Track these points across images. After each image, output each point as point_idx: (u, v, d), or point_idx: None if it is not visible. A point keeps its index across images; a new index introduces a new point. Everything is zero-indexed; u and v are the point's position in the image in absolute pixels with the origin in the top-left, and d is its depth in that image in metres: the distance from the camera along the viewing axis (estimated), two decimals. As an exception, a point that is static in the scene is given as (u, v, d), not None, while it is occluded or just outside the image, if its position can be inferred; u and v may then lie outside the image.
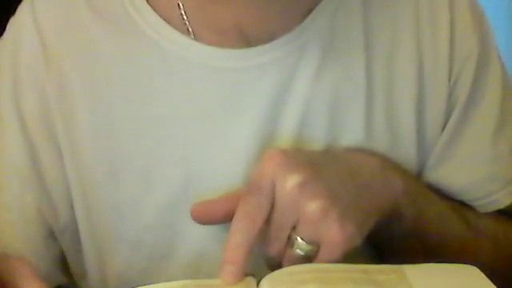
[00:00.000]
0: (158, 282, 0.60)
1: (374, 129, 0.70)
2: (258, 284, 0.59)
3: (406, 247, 0.67)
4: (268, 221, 0.60)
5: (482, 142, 0.73)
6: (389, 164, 0.69)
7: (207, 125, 0.68)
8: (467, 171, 0.73)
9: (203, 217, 0.65)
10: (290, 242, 0.61)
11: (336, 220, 0.59)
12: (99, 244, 0.71)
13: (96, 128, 0.69)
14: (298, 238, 0.60)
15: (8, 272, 0.56)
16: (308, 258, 0.60)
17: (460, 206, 0.73)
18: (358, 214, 0.61)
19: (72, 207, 0.71)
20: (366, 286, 0.57)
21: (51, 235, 0.71)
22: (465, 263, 0.62)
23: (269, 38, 0.68)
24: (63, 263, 0.73)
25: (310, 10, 0.69)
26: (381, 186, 0.65)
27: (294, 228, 0.60)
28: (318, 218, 0.59)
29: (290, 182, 0.60)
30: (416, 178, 0.72)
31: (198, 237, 0.69)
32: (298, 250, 0.60)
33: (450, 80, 0.71)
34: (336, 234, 0.59)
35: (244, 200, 0.60)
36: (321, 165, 0.63)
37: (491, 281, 0.58)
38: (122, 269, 0.70)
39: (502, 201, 0.73)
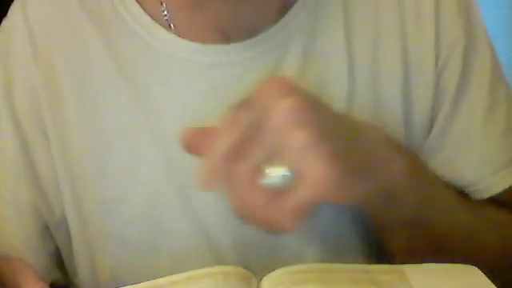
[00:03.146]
0: (146, 276, 0.60)
1: (358, 116, 0.68)
2: (258, 284, 0.59)
3: (410, 239, 0.65)
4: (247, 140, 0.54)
5: (472, 127, 0.72)
6: (395, 144, 0.66)
7: (190, 119, 0.68)
8: (459, 157, 0.72)
9: (191, 144, 0.58)
10: (261, 173, 0.53)
11: (326, 154, 0.52)
12: (89, 239, 0.71)
13: (84, 123, 0.70)
14: (275, 165, 0.53)
15: (9, 273, 0.57)
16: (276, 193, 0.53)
17: (464, 194, 0.72)
18: (352, 163, 0.55)
19: None
20: (367, 286, 0.57)
21: (47, 230, 0.72)
22: (472, 255, 0.61)
23: (250, 34, 0.69)
24: (58, 259, 0.74)
25: (289, 4, 0.69)
26: (382, 159, 0.61)
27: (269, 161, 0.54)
28: (307, 145, 0.52)
29: (285, 104, 0.53)
30: (423, 164, 0.71)
31: (182, 232, 0.69)
32: (270, 176, 0.53)
33: (436, 67, 0.71)
34: (322, 168, 0.52)
35: (231, 114, 0.55)
36: (324, 106, 0.58)
37: (497, 277, 0.58)
38: (111, 263, 0.71)
39: (495, 186, 0.72)
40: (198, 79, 0.69)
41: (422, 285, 0.57)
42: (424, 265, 0.61)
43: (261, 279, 0.59)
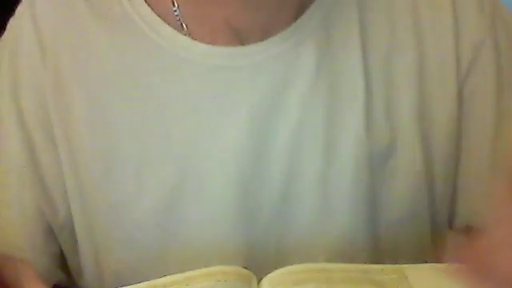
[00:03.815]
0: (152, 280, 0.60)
1: (374, 126, 0.68)
2: (258, 283, 0.59)
3: None
4: None
5: None
6: None
7: (201, 123, 0.68)
8: None
9: None
10: None
11: None
12: (95, 242, 0.71)
13: (92, 125, 0.70)
14: None
15: (12, 273, 0.57)
16: None
17: None
18: None
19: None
20: (366, 286, 0.57)
21: (51, 232, 0.72)
22: None
23: (262, 35, 0.67)
24: (62, 261, 0.74)
25: (304, 6, 0.68)
26: None
27: None
28: None
29: None
30: None
31: (191, 236, 0.69)
32: None
33: (458, 74, 0.69)
34: None
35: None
36: None
37: None
38: (118, 267, 0.71)
39: None
40: (208, 81, 0.68)
41: (422, 285, 0.57)
42: (424, 265, 0.61)
43: (261, 279, 0.59)
